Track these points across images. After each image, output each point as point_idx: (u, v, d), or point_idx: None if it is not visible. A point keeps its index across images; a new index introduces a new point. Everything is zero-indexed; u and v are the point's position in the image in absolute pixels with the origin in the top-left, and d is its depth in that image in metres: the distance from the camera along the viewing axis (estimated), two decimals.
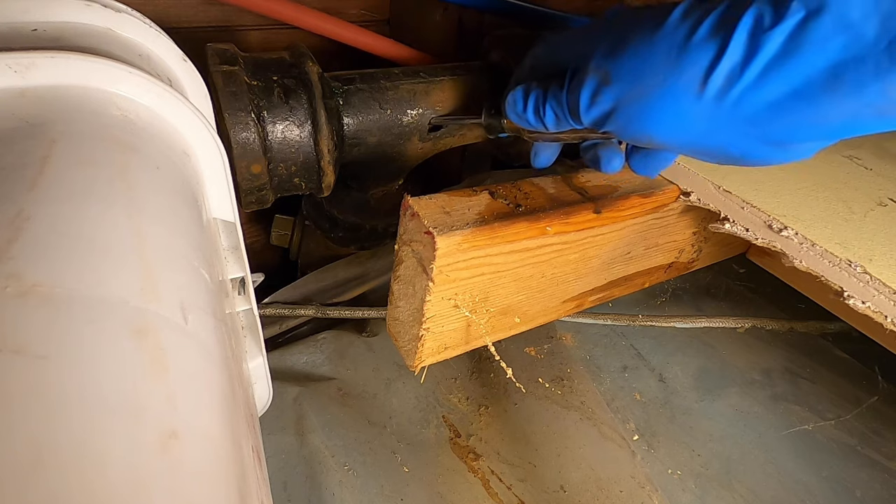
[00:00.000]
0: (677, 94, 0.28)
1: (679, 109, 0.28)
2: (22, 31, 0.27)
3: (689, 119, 0.28)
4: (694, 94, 0.27)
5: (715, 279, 0.69)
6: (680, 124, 0.29)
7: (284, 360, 0.55)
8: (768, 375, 0.59)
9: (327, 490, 0.44)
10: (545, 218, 0.35)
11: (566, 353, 0.58)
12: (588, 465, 0.49)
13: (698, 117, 0.28)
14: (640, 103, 0.29)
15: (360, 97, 0.47)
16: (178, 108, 0.28)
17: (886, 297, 0.32)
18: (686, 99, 0.28)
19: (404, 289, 0.35)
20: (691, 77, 0.27)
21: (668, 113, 0.29)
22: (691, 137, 0.29)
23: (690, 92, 0.27)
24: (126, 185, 0.22)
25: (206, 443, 0.18)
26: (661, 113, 0.29)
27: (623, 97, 0.30)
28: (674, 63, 0.27)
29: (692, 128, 0.29)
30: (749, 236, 0.38)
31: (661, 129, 0.30)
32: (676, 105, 0.28)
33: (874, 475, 0.50)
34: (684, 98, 0.28)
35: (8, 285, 0.16)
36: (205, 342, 0.21)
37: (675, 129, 0.29)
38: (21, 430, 0.14)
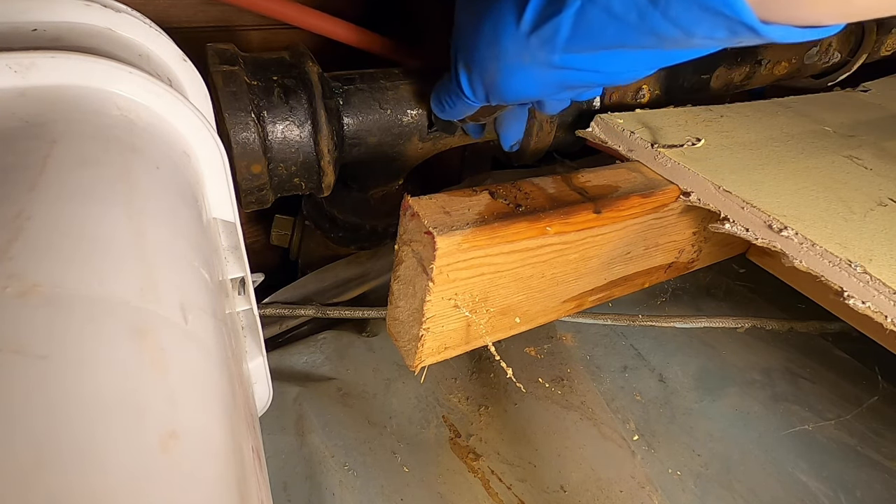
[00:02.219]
0: (511, 62, 0.34)
1: (520, 72, 0.34)
2: (22, 31, 0.27)
3: (530, 76, 0.34)
4: (523, 58, 0.33)
5: (715, 279, 0.69)
6: (528, 81, 0.35)
7: (284, 360, 0.55)
8: (768, 375, 0.59)
9: (327, 490, 0.44)
10: (545, 218, 0.35)
11: (566, 353, 0.58)
12: (588, 465, 0.49)
13: (536, 73, 0.34)
14: (496, 78, 0.36)
15: (360, 97, 0.47)
16: (178, 108, 0.28)
17: (886, 297, 0.32)
18: (520, 63, 0.34)
19: (404, 289, 0.35)
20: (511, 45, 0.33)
21: (516, 77, 0.35)
22: (544, 87, 0.35)
23: (519, 57, 0.33)
24: (126, 185, 0.22)
25: (206, 443, 0.18)
26: (512, 78, 0.35)
27: (485, 77, 0.37)
28: (497, 39, 0.34)
29: (538, 81, 0.35)
30: (749, 236, 0.38)
31: (519, 89, 0.36)
32: (516, 70, 0.34)
33: (874, 475, 0.50)
34: (518, 63, 0.34)
35: (8, 285, 0.16)
36: (205, 342, 0.21)
37: (527, 85, 0.35)
38: (21, 430, 0.14)
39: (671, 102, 0.55)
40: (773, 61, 0.64)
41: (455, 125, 0.50)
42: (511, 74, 0.35)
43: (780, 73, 0.66)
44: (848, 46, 0.70)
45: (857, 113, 0.59)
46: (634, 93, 0.56)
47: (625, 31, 0.29)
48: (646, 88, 0.56)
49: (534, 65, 0.33)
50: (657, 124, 0.47)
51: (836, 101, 0.63)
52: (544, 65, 0.33)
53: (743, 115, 0.53)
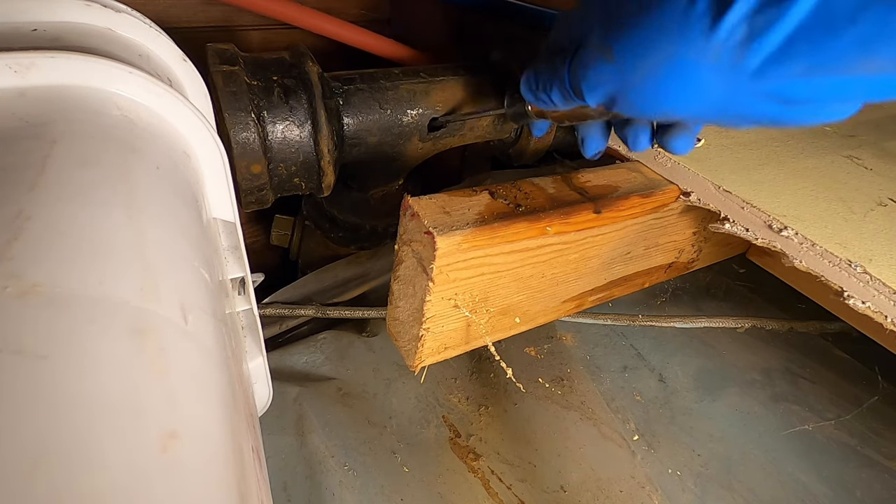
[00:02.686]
0: (686, 65, 0.25)
1: (688, 79, 0.26)
2: (22, 31, 0.27)
3: (700, 88, 0.26)
4: (705, 63, 0.25)
5: (715, 279, 0.69)
6: (694, 95, 0.27)
7: (284, 360, 0.55)
8: (768, 375, 0.59)
9: (327, 490, 0.44)
10: (545, 218, 0.35)
11: (566, 353, 0.58)
12: (588, 465, 0.49)
13: (711, 86, 0.26)
14: (646, 79, 0.27)
15: (360, 97, 0.47)
16: (178, 109, 0.28)
17: (886, 297, 0.32)
18: (696, 67, 0.25)
19: (404, 289, 0.35)
20: (698, 44, 0.25)
21: (679, 85, 0.26)
22: (709, 107, 0.27)
23: (701, 60, 0.25)
24: (126, 186, 0.22)
25: (206, 443, 0.18)
26: (672, 86, 0.27)
27: (628, 74, 0.28)
28: (678, 30, 0.25)
29: (708, 97, 0.26)
30: (749, 236, 0.38)
31: (675, 103, 0.28)
32: (684, 74, 0.26)
33: (874, 475, 0.50)
34: (693, 66, 0.25)
35: (8, 285, 0.16)
36: (205, 342, 0.21)
37: (690, 101, 0.27)
38: (22, 430, 0.14)
39: None
40: None
41: (527, 118, 0.43)
42: (675, 77, 0.26)
43: None
44: None
45: (857, 113, 0.59)
46: None
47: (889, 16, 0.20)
48: None
49: (719, 71, 0.25)
50: None
51: None
52: (735, 74, 0.24)
53: None
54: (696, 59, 0.25)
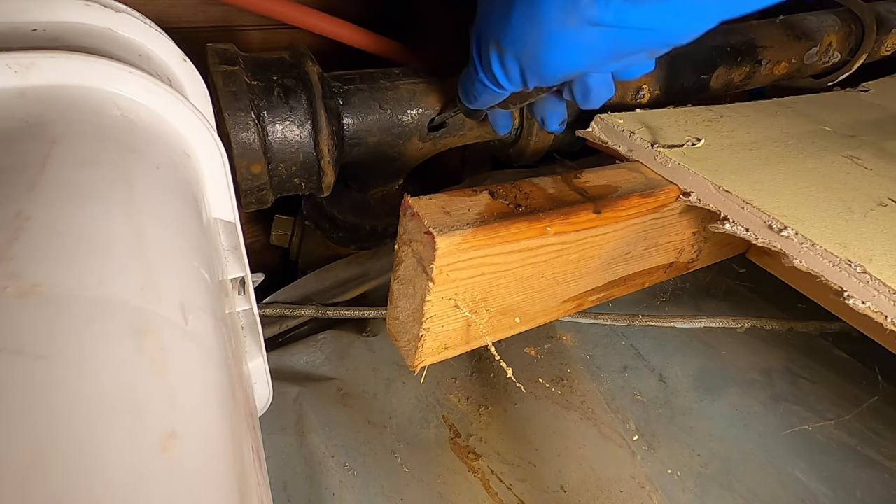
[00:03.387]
0: (554, 30, 0.31)
1: (566, 41, 0.31)
2: (22, 31, 0.27)
3: (578, 44, 0.31)
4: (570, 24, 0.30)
5: (715, 279, 0.69)
6: (575, 52, 0.32)
7: (284, 360, 0.55)
8: (768, 375, 0.59)
9: (327, 490, 0.44)
10: (545, 218, 0.35)
11: (566, 353, 0.58)
12: (588, 465, 0.49)
13: (585, 40, 0.31)
14: (536, 55, 0.33)
15: (360, 97, 0.47)
16: (179, 109, 0.28)
17: (886, 297, 0.32)
18: (565, 30, 0.30)
19: (404, 289, 0.35)
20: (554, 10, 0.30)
21: (560, 49, 0.32)
22: (593, 57, 0.32)
23: (565, 24, 0.30)
24: (126, 186, 0.22)
25: (206, 443, 0.18)
26: (555, 52, 0.32)
27: (521, 56, 0.33)
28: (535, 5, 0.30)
29: (587, 50, 0.31)
30: (749, 236, 0.38)
31: (565, 63, 0.33)
32: (561, 40, 0.31)
33: (874, 475, 0.50)
34: (563, 31, 0.31)
35: (8, 285, 0.16)
36: (205, 342, 0.21)
37: (574, 56, 0.32)
38: (21, 430, 0.14)
39: (671, 102, 0.55)
40: (773, 61, 0.64)
41: (480, 113, 0.47)
42: (554, 44, 0.31)
43: (780, 73, 0.66)
44: (848, 46, 0.70)
45: (857, 113, 0.59)
46: (634, 93, 0.56)
47: None
48: (646, 88, 0.56)
49: (581, 27, 0.30)
50: (657, 124, 0.47)
51: (836, 101, 0.63)
52: (594, 25, 0.30)
53: (743, 115, 0.53)
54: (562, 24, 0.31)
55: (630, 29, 0.30)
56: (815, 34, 0.66)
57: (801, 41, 0.65)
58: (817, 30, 0.67)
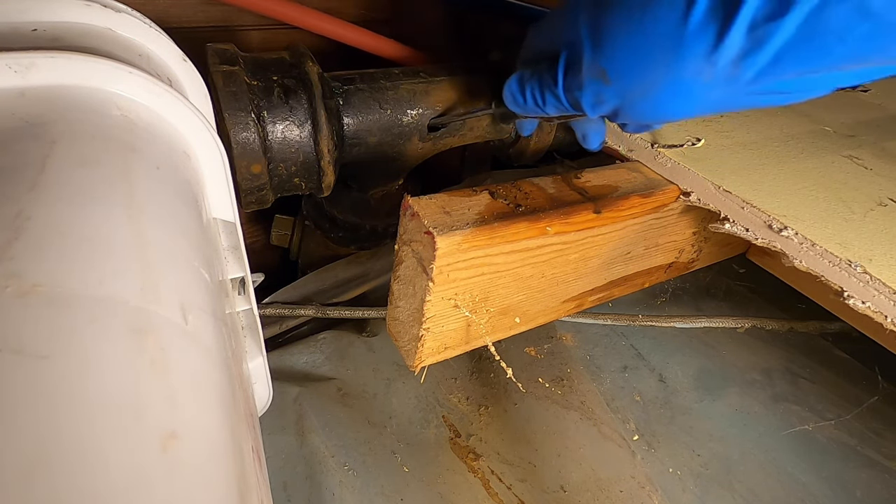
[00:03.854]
0: (684, 81, 0.26)
1: (688, 94, 0.27)
2: (22, 31, 0.27)
3: (700, 99, 0.27)
4: (703, 79, 0.26)
5: (715, 279, 0.69)
6: (692, 105, 0.28)
7: (284, 360, 0.55)
8: (768, 375, 0.59)
9: (327, 490, 0.44)
10: (545, 218, 0.35)
11: (566, 353, 0.58)
12: (588, 465, 0.49)
13: (710, 96, 0.26)
14: (645, 96, 0.28)
15: (360, 97, 0.47)
16: (179, 109, 0.28)
17: (886, 297, 0.32)
18: (695, 84, 0.26)
19: (404, 289, 0.35)
20: (696, 64, 0.25)
21: (677, 99, 0.27)
22: (705, 110, 0.28)
23: (698, 77, 0.26)
24: (126, 186, 0.22)
25: (206, 443, 0.18)
26: (670, 101, 0.28)
27: (627, 93, 0.29)
28: (674, 51, 0.25)
29: (704, 104, 0.27)
30: (749, 236, 0.38)
31: (672, 112, 0.29)
32: (684, 91, 0.27)
33: (874, 475, 0.50)
34: (692, 84, 0.26)
35: (8, 285, 0.16)
36: (205, 342, 0.21)
37: (688, 109, 0.28)
38: (22, 430, 0.14)
39: None
40: None
41: (514, 117, 0.44)
42: (677, 94, 0.27)
43: None
44: None
45: (857, 113, 0.59)
46: None
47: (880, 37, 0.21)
48: None
49: (716, 85, 0.26)
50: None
51: (836, 101, 0.63)
52: (732, 84, 0.25)
53: (743, 115, 0.53)
54: (696, 76, 0.26)
55: (770, 94, 0.26)
56: None
57: None
58: None
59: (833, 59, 0.23)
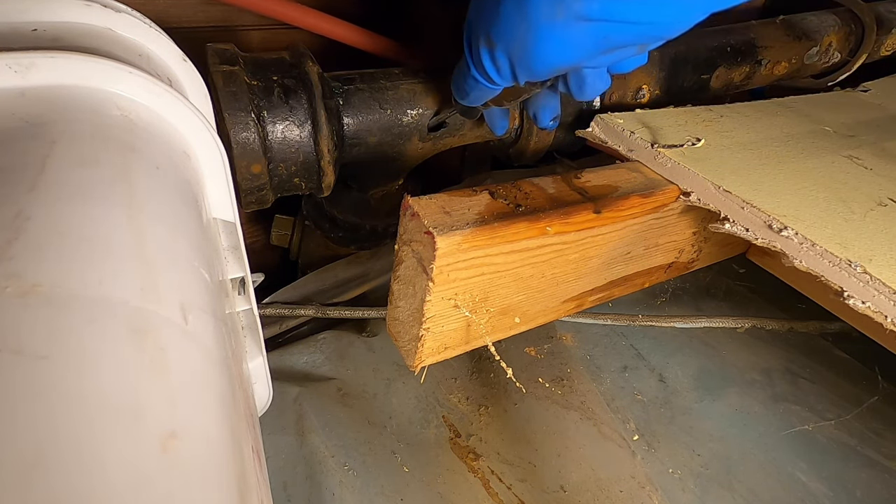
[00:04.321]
0: (542, 25, 0.30)
1: (554, 36, 0.30)
2: (22, 31, 0.27)
3: (567, 39, 0.30)
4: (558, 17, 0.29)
5: (715, 279, 0.69)
6: (563, 47, 0.31)
7: (284, 360, 0.55)
8: (768, 375, 0.59)
9: (327, 490, 0.44)
10: (545, 218, 0.35)
11: (566, 353, 0.58)
12: (588, 465, 0.49)
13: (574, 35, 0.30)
14: (526, 50, 0.32)
15: (360, 97, 0.47)
16: (179, 109, 0.28)
17: (886, 297, 0.32)
18: (554, 25, 0.30)
19: (404, 289, 0.35)
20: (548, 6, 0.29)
21: (549, 45, 0.31)
22: (582, 52, 0.31)
23: (554, 18, 0.30)
24: (126, 186, 0.22)
25: (206, 443, 0.18)
26: (544, 47, 0.31)
27: (511, 50, 0.33)
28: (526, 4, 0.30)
29: (576, 45, 0.31)
30: (749, 236, 0.38)
31: (553, 58, 0.32)
32: (549, 35, 0.30)
33: (874, 475, 0.50)
34: (552, 26, 0.30)
35: (8, 285, 0.16)
36: (205, 342, 0.21)
37: (563, 52, 0.32)
38: (21, 430, 0.14)
39: (671, 102, 0.55)
40: (773, 61, 0.64)
41: (476, 111, 0.47)
42: (543, 38, 0.31)
43: (780, 73, 0.66)
44: (848, 46, 0.70)
45: (857, 113, 0.59)
46: (634, 93, 0.56)
47: None
48: (646, 88, 0.56)
49: (569, 20, 0.30)
50: (657, 124, 0.47)
51: (836, 101, 0.63)
52: (582, 19, 0.29)
53: (743, 115, 0.53)
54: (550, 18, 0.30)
55: (618, 23, 0.29)
56: (815, 34, 0.66)
57: (801, 41, 0.65)
58: (817, 30, 0.67)
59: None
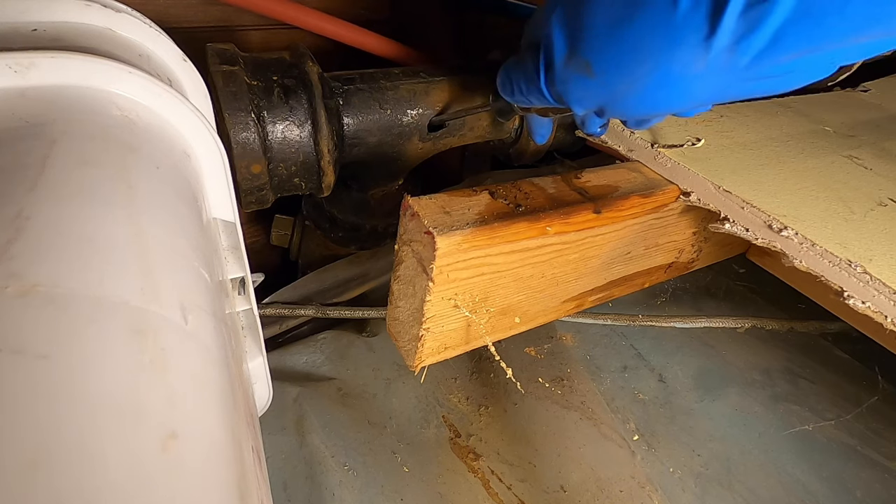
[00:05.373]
0: (674, 72, 0.25)
1: (680, 85, 0.25)
2: (22, 31, 0.27)
3: (693, 89, 0.25)
4: (695, 68, 0.24)
5: (715, 279, 0.69)
6: (683, 96, 0.26)
7: (284, 360, 0.55)
8: (768, 375, 0.59)
9: (327, 490, 0.44)
10: (545, 218, 0.35)
11: (566, 353, 0.58)
12: (588, 465, 0.49)
13: (704, 86, 0.25)
14: (633, 89, 0.27)
15: (360, 97, 0.47)
16: (178, 108, 0.28)
17: (886, 297, 0.32)
18: (686, 74, 0.25)
19: (404, 289, 0.35)
20: (688, 53, 0.24)
21: (669, 91, 0.26)
22: (700, 101, 0.27)
23: (690, 66, 0.24)
24: (126, 186, 0.22)
25: (206, 443, 0.18)
26: (661, 93, 0.26)
27: (613, 87, 0.27)
28: (663, 40, 0.24)
29: (698, 95, 0.26)
30: (749, 236, 0.38)
31: (664, 105, 0.27)
32: (675, 82, 0.25)
33: (874, 475, 0.50)
34: (683, 74, 0.25)
35: (8, 285, 0.16)
36: (205, 342, 0.21)
37: (679, 101, 0.27)
38: (22, 430, 0.14)
39: None
40: None
41: (512, 114, 0.45)
42: (665, 85, 0.25)
43: None
44: None
45: (857, 113, 0.59)
46: None
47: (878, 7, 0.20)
48: None
49: (710, 73, 0.24)
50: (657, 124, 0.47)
51: (836, 101, 0.63)
52: (728, 71, 0.24)
53: (743, 115, 0.53)
54: (688, 66, 0.24)
55: (768, 78, 0.24)
56: None
57: None
58: None
59: (832, 35, 0.22)
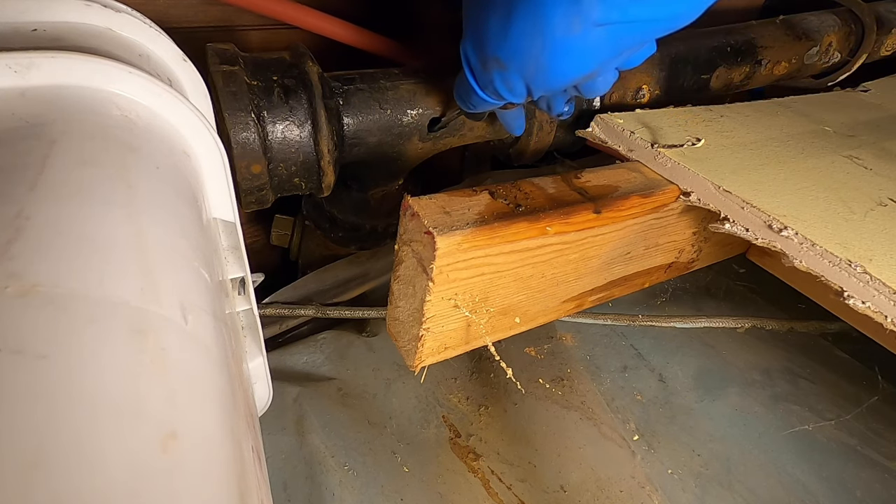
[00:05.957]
0: (557, 39, 0.29)
1: (572, 48, 0.30)
2: (22, 31, 0.27)
3: (584, 48, 0.30)
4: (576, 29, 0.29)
5: (715, 279, 0.69)
6: (581, 57, 0.30)
7: (284, 360, 0.55)
8: (768, 375, 0.59)
9: (327, 490, 0.44)
10: (545, 218, 0.35)
11: (566, 353, 0.58)
12: (588, 465, 0.49)
13: (591, 42, 0.29)
14: (541, 67, 0.31)
15: (360, 97, 0.47)
16: (178, 108, 0.28)
17: (886, 297, 0.32)
18: (570, 37, 0.29)
19: (404, 289, 0.35)
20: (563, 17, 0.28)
21: (567, 57, 0.30)
22: (599, 58, 0.31)
23: (571, 30, 0.29)
24: (126, 185, 0.22)
25: (206, 443, 0.18)
26: (562, 61, 0.30)
27: (525, 70, 0.32)
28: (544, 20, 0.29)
29: (593, 52, 0.30)
30: (749, 236, 0.38)
31: (574, 69, 0.31)
32: (567, 48, 0.30)
33: (874, 475, 0.50)
34: (568, 38, 0.29)
35: (8, 285, 0.16)
36: (205, 342, 0.21)
37: (580, 62, 0.31)
38: (21, 430, 0.14)
39: (671, 102, 0.55)
40: (773, 61, 0.64)
41: (483, 114, 0.47)
42: (561, 53, 0.30)
43: (780, 73, 0.66)
44: (848, 46, 0.70)
45: (857, 113, 0.59)
46: (634, 93, 0.56)
47: None
48: (646, 88, 0.56)
49: (587, 29, 0.29)
50: (657, 124, 0.47)
51: (836, 101, 0.63)
52: (599, 25, 0.29)
53: (743, 115, 0.53)
54: (570, 30, 0.29)
55: (635, 23, 0.29)
56: (815, 34, 0.66)
57: (801, 41, 0.65)
58: (817, 30, 0.67)
59: None
